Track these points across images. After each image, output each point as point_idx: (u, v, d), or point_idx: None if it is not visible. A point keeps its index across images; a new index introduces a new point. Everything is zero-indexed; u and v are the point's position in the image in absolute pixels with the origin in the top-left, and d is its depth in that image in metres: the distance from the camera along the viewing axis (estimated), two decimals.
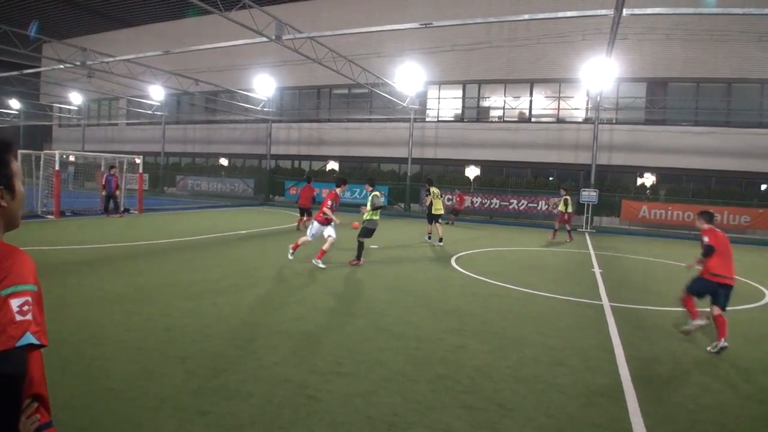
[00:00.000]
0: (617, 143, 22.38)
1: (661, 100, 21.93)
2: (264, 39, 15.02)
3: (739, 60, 20.21)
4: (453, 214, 20.13)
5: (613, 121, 22.59)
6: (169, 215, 18.55)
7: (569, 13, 13.17)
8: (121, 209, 17.46)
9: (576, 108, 23.48)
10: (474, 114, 25.71)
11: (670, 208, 20.26)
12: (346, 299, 7.01)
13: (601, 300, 7.64)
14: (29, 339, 1.22)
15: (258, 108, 28.18)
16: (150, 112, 31.68)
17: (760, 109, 20.85)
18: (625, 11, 11.83)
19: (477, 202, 23.04)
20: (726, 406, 4.04)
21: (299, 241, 9.63)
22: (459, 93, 25.74)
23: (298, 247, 9.62)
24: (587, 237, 17.85)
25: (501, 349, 5.12)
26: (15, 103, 35.45)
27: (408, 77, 20.70)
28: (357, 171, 27.34)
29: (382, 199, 9.95)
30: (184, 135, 34.12)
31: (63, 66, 20.99)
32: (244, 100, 28.18)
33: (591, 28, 20.93)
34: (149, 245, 10.95)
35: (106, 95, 32.15)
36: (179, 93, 29.04)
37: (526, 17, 13.74)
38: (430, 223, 13.78)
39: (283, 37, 14.96)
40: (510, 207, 22.48)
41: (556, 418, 3.66)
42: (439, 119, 26.09)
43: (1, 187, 1.35)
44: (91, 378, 3.93)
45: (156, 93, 26.01)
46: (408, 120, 25.21)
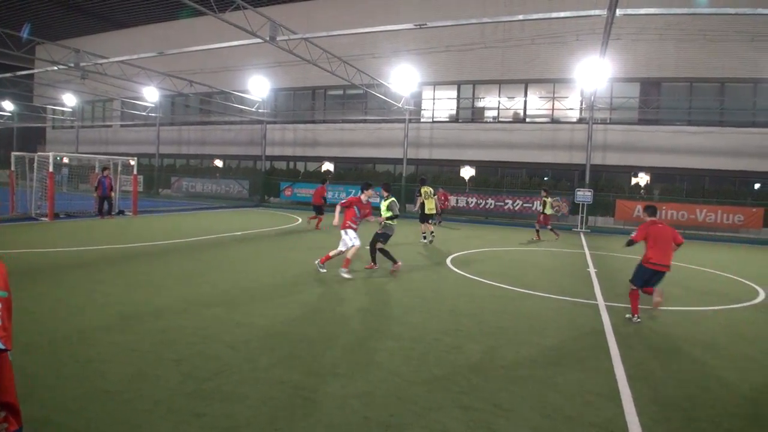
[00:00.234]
0: (611, 143, 22.48)
1: (655, 99, 22.04)
2: (258, 40, 14.99)
3: (732, 60, 20.34)
4: (437, 214, 19.96)
5: (607, 121, 22.69)
6: (164, 217, 18.47)
7: (563, 14, 13.22)
8: (115, 211, 17.39)
9: (570, 108, 23.56)
10: (469, 114, 25.75)
11: (664, 207, 20.35)
12: (341, 301, 7.00)
13: (597, 299, 7.67)
14: None
15: (253, 109, 28.13)
16: (144, 113, 31.56)
17: (753, 109, 21.00)
18: (619, 11, 11.88)
19: (472, 202, 23.07)
20: (721, 404, 4.06)
21: (349, 256, 8.59)
22: (453, 93, 25.79)
23: (349, 263, 8.53)
24: (582, 237, 17.91)
25: (497, 349, 5.13)
26: (8, 105, 35.23)
27: (402, 78, 20.75)
28: (352, 172, 27.33)
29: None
30: (178, 136, 34.01)
31: (56, 68, 20.85)
32: (238, 101, 28.11)
33: (585, 28, 21.04)
34: (144, 247, 10.90)
35: (100, 97, 32.00)
36: (173, 94, 28.99)
37: (520, 18, 13.79)
38: (422, 223, 13.82)
39: (278, 38, 14.95)
40: (505, 207, 22.52)
41: (552, 417, 3.67)
42: (434, 120, 26.11)
43: None
44: (86, 380, 3.91)
45: (150, 94, 25.89)
46: (403, 121, 25.22)
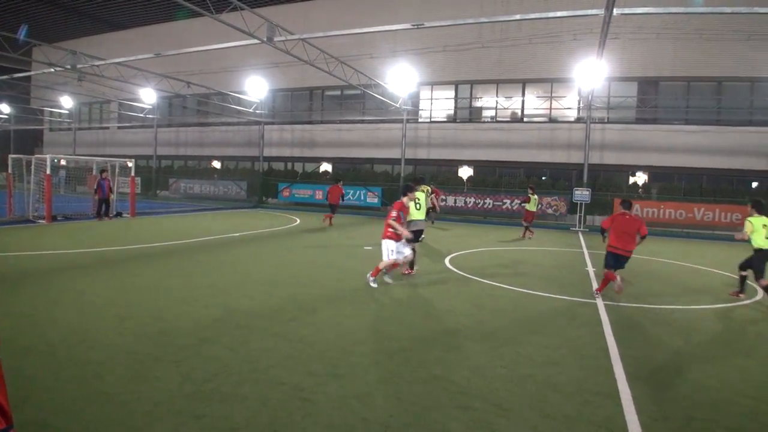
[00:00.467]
0: (609, 142, 22.51)
1: (653, 99, 22.08)
2: (255, 41, 14.97)
3: (729, 58, 20.39)
4: (432, 210, 19.75)
5: (605, 121, 22.73)
6: (162, 219, 18.43)
7: (560, 13, 13.23)
8: (113, 213, 17.35)
9: (568, 108, 23.59)
10: (466, 114, 25.78)
11: (662, 206, 20.40)
12: (339, 301, 6.99)
13: (595, 299, 7.67)
14: None
15: (250, 110, 28.11)
16: (142, 115, 31.52)
17: (750, 107, 21.05)
18: (616, 11, 11.90)
19: (470, 202, 23.08)
20: (720, 403, 4.07)
21: (380, 266, 8.11)
22: (451, 93, 25.80)
23: (379, 272, 8.07)
24: (580, 236, 17.93)
25: (496, 349, 5.12)
26: (5, 108, 35.14)
27: (400, 78, 20.74)
28: (350, 172, 27.32)
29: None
30: (176, 138, 33.97)
31: (53, 69, 20.80)
32: (236, 102, 28.08)
33: (582, 28, 21.06)
34: (142, 249, 10.88)
35: (97, 99, 31.92)
36: (171, 96, 28.94)
37: (517, 17, 13.78)
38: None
39: (275, 39, 14.93)
40: (503, 207, 22.54)
41: (551, 417, 3.67)
42: (432, 120, 26.13)
43: None
44: (85, 382, 3.90)
45: (147, 96, 25.84)
46: (401, 121, 25.23)
